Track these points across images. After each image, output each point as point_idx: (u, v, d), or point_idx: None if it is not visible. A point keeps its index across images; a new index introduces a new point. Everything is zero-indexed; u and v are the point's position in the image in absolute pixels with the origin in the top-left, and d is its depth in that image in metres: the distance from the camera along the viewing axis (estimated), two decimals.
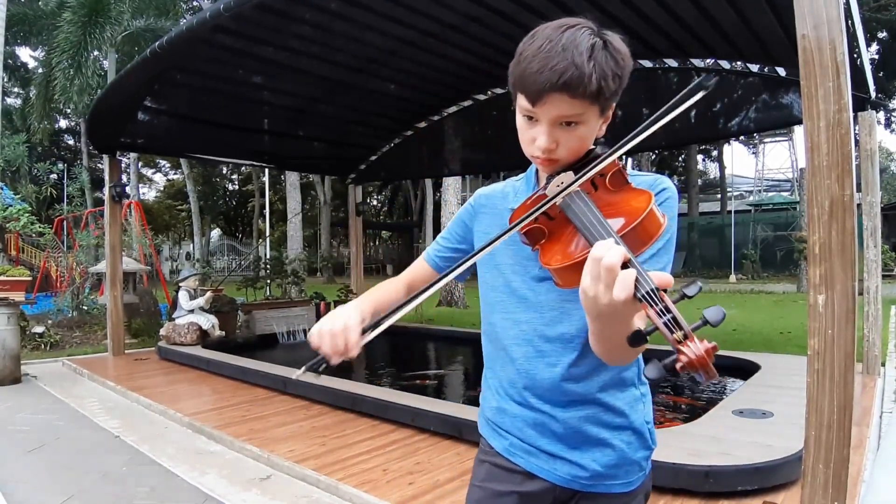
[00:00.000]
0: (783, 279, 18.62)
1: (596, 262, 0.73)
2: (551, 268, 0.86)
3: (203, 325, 7.08)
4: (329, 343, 0.92)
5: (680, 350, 0.67)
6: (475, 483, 1.14)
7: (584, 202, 0.87)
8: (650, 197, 0.84)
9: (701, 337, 0.68)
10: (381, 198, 38.79)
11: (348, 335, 0.92)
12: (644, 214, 0.81)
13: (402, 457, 3.37)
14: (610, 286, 0.72)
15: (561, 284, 0.88)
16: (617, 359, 0.96)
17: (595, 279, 0.74)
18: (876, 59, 20.08)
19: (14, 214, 8.15)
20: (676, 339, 0.68)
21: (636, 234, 0.81)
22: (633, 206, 0.85)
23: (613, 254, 0.72)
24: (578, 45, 0.86)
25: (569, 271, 0.83)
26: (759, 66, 5.59)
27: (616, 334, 0.80)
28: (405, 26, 5.31)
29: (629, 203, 0.86)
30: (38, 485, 3.18)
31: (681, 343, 0.67)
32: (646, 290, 0.71)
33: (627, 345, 0.77)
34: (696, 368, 0.66)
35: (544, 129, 0.93)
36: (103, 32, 12.85)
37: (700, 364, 0.66)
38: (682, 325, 0.68)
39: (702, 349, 0.66)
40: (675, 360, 0.67)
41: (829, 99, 2.01)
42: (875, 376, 4.85)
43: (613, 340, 0.84)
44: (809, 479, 2.07)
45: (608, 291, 0.72)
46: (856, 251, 2.02)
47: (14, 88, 24.31)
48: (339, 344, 0.92)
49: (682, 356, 0.66)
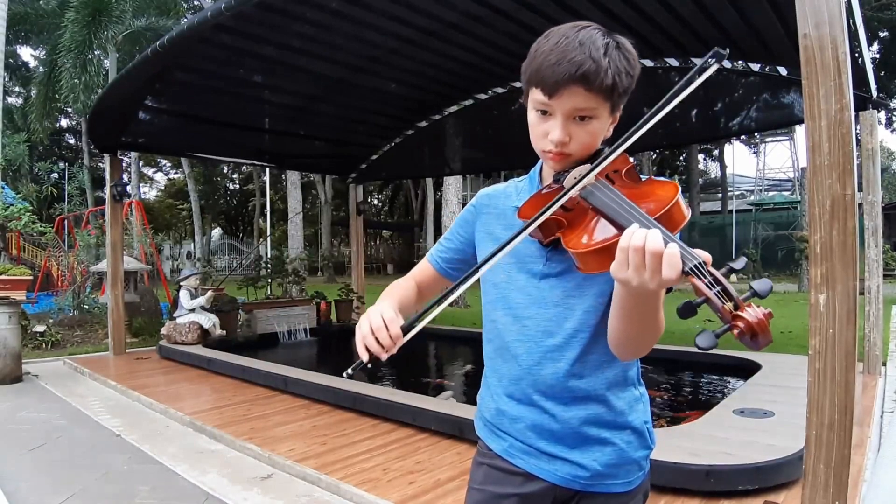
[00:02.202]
0: (784, 278, 18.58)
1: (637, 251, 0.74)
2: (577, 252, 0.86)
3: (204, 324, 7.08)
4: (374, 341, 0.91)
5: (737, 317, 0.68)
6: (474, 486, 1.14)
7: (610, 189, 0.88)
8: (676, 186, 0.86)
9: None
10: (382, 197, 38.79)
11: (392, 329, 0.91)
12: (673, 201, 0.82)
13: (403, 456, 3.37)
14: (658, 270, 0.73)
15: (584, 269, 0.88)
16: (635, 348, 0.97)
17: (639, 267, 0.75)
18: (877, 58, 20.04)
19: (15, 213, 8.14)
20: (728, 310, 0.69)
21: (665, 220, 0.81)
22: (661, 194, 0.86)
23: (654, 236, 0.73)
24: (595, 41, 0.90)
25: (596, 255, 0.84)
26: (760, 66, 5.58)
27: (648, 311, 0.85)
28: (406, 25, 5.30)
29: (655, 192, 0.87)
30: (39, 483, 3.19)
31: (735, 311, 0.68)
32: (693, 264, 0.72)
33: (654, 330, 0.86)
34: (755, 333, 0.67)
35: (559, 122, 0.94)
36: (107, 31, 12.88)
37: (760, 328, 0.67)
38: (733, 295, 0.69)
39: (760, 313, 0.67)
40: (731, 328, 0.68)
41: (830, 98, 2.01)
42: (876, 376, 4.85)
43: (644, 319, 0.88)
44: (810, 479, 2.07)
45: (657, 275, 0.73)
46: (857, 251, 2.02)
47: (15, 87, 24.33)
48: (384, 339, 0.91)
49: (740, 321, 0.67)
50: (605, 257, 0.81)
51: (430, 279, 1.21)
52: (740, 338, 0.68)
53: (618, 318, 0.93)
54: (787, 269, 19.94)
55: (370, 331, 0.92)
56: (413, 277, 1.21)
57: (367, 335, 0.92)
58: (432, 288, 1.22)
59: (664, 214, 0.81)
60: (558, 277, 1.02)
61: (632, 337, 0.94)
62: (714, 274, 0.70)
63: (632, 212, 0.81)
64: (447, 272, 1.20)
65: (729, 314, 0.68)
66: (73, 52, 12.63)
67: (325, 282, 20.44)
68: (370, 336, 0.91)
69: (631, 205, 0.83)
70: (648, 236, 0.74)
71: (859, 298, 2.06)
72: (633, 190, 0.90)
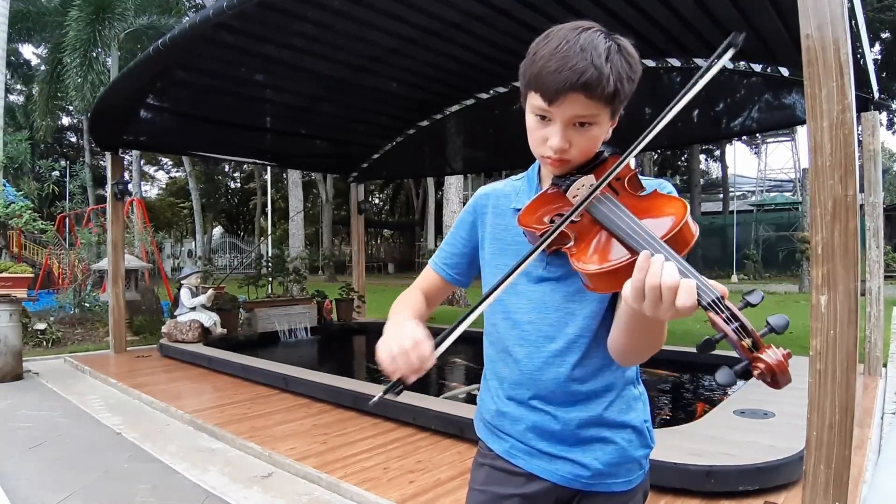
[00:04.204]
0: (785, 279, 18.58)
1: (655, 287, 0.73)
2: (588, 272, 0.84)
3: (205, 322, 7.09)
4: (403, 362, 0.86)
5: (756, 357, 0.67)
6: (475, 487, 1.13)
7: (616, 205, 0.86)
8: (685, 205, 0.84)
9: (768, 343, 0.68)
10: (383, 196, 38.80)
11: (421, 349, 0.87)
12: (683, 222, 0.80)
13: (403, 455, 3.37)
14: (673, 302, 0.72)
15: (593, 288, 0.87)
16: (636, 358, 0.97)
17: (656, 301, 0.74)
18: (879, 59, 20.02)
19: (17, 211, 8.17)
20: (746, 347, 0.68)
21: (674, 241, 0.79)
22: (669, 211, 0.83)
23: (670, 271, 0.72)
24: (596, 46, 0.87)
25: (607, 276, 0.82)
26: (762, 66, 5.58)
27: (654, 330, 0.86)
28: (407, 24, 5.30)
29: (662, 209, 0.85)
30: (40, 481, 3.19)
31: (753, 350, 0.67)
32: (710, 299, 0.71)
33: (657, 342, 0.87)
34: (774, 374, 0.67)
35: (558, 129, 0.93)
36: (111, 30, 12.89)
37: (780, 370, 0.66)
38: (751, 332, 0.68)
39: (780, 355, 0.67)
40: (749, 367, 0.67)
41: (832, 99, 2.00)
42: (877, 377, 4.85)
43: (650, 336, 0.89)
44: (811, 480, 2.07)
45: (672, 307, 0.73)
46: (858, 252, 2.01)
47: (17, 85, 24.33)
48: (413, 361, 0.86)
49: (760, 363, 0.67)
50: (615, 279, 0.79)
51: (438, 288, 1.19)
52: (760, 378, 0.67)
53: (621, 331, 0.92)
54: (788, 269, 19.93)
55: (401, 352, 0.86)
56: (419, 287, 1.19)
57: (397, 356, 0.86)
58: (440, 296, 1.20)
59: (674, 236, 0.79)
60: (558, 282, 1.02)
61: (634, 349, 0.94)
62: (731, 309, 0.69)
63: (642, 234, 0.79)
64: (454, 278, 1.18)
65: (748, 352, 0.68)
66: (79, 50, 12.64)
67: (325, 281, 20.44)
68: (401, 357, 0.86)
69: (640, 225, 0.81)
70: (665, 271, 0.72)
71: (860, 299, 2.06)
72: (638, 203, 0.88)
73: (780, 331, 0.68)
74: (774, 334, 0.68)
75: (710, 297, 0.71)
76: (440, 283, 1.19)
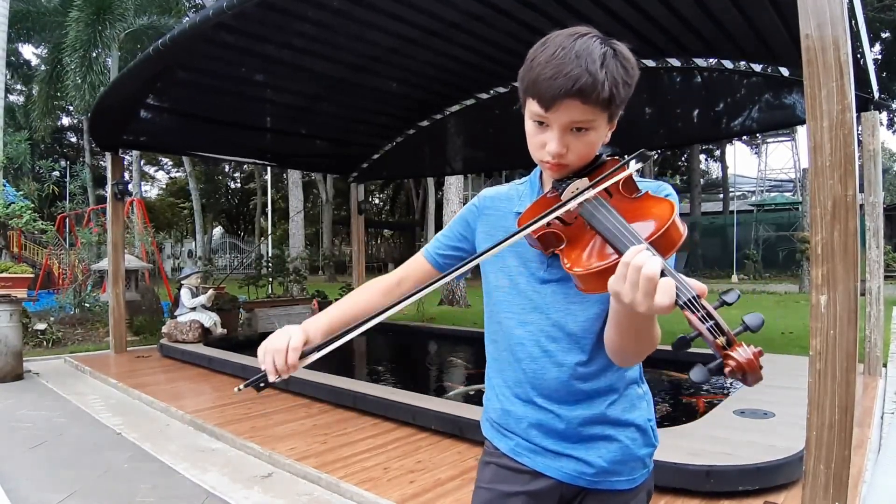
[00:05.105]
0: (785, 279, 18.59)
1: (636, 270, 0.75)
2: (576, 273, 0.87)
3: (205, 322, 7.09)
4: (271, 362, 0.95)
5: (728, 355, 0.69)
6: (482, 485, 1.15)
7: (606, 208, 0.88)
8: (672, 206, 0.86)
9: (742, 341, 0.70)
10: (383, 196, 38.79)
11: (288, 356, 0.95)
12: (669, 223, 0.82)
13: (403, 455, 3.37)
14: (650, 294, 0.74)
15: (584, 289, 0.89)
16: (631, 358, 0.98)
17: (633, 286, 0.76)
18: (879, 59, 20.02)
19: (17, 212, 8.17)
20: (720, 345, 0.69)
21: (661, 242, 0.82)
22: (656, 213, 0.86)
23: (653, 263, 0.74)
24: (591, 52, 0.89)
25: (595, 277, 0.84)
26: (761, 66, 5.58)
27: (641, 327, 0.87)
28: (407, 24, 5.30)
29: (650, 210, 0.87)
30: (40, 481, 3.19)
31: (726, 348, 0.69)
32: (687, 298, 0.72)
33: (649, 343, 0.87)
34: (744, 372, 0.68)
35: (555, 135, 0.94)
36: (112, 30, 12.89)
37: (749, 368, 0.68)
38: (725, 331, 0.70)
39: (750, 353, 0.68)
40: (722, 365, 0.69)
41: (832, 99, 2.01)
42: (877, 377, 4.85)
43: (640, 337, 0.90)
44: (810, 480, 2.08)
45: (648, 299, 0.74)
46: (858, 252, 2.02)
47: (16, 85, 24.33)
48: (279, 363, 0.95)
49: (731, 361, 0.68)
50: (603, 280, 0.81)
51: (423, 274, 1.19)
52: (731, 375, 0.69)
53: (613, 329, 0.94)
54: (788, 269, 19.94)
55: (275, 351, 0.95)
56: (396, 274, 1.20)
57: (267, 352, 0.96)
58: (422, 282, 1.19)
59: (661, 235, 0.82)
60: (559, 283, 1.03)
61: (627, 348, 0.95)
62: (707, 308, 0.71)
63: (628, 235, 0.82)
64: (443, 269, 1.18)
65: (721, 349, 0.69)
66: (79, 50, 12.63)
67: (325, 281, 20.46)
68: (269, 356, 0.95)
69: (628, 227, 0.83)
70: (648, 260, 0.74)
71: (860, 299, 2.06)
72: (629, 205, 0.90)
73: (755, 329, 0.69)
74: (750, 332, 0.69)
75: (687, 295, 0.73)
76: (428, 271, 1.19)
